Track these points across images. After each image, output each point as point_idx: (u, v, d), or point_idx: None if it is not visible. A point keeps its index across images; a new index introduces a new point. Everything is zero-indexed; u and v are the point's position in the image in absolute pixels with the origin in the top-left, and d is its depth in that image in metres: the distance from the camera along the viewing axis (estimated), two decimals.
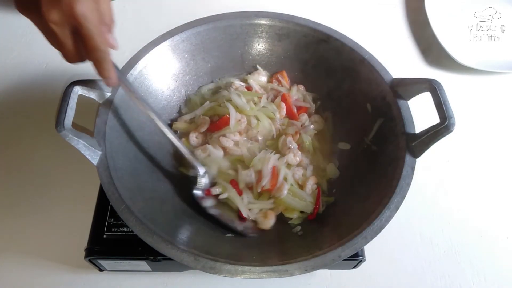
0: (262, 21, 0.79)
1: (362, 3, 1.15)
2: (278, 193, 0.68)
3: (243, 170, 0.70)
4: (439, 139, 0.60)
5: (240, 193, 0.69)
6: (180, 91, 0.79)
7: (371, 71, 0.72)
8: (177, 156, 0.75)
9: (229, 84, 0.80)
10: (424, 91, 0.64)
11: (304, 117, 0.79)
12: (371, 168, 0.69)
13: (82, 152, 0.58)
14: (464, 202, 0.82)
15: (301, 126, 0.77)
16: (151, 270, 0.68)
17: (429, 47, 1.05)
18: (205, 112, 0.77)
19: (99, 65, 0.52)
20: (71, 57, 0.51)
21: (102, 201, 0.66)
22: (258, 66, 0.83)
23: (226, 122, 0.73)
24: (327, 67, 0.79)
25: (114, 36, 0.52)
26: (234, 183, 0.70)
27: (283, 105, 0.78)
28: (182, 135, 0.77)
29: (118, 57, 0.72)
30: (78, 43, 0.49)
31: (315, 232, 0.64)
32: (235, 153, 0.73)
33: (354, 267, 0.67)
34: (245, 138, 0.75)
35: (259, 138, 0.75)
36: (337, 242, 0.55)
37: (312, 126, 0.78)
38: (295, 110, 0.79)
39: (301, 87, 0.82)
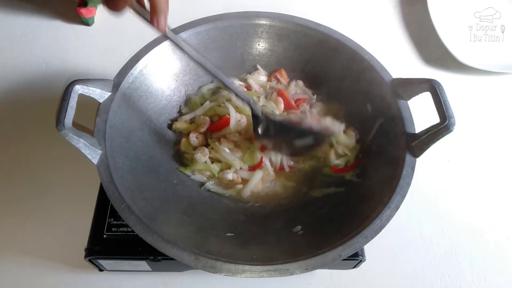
0: (262, 21, 0.79)
1: (362, 3, 1.15)
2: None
3: None
4: (439, 139, 0.60)
5: None
6: (180, 91, 0.79)
7: (371, 71, 0.72)
8: (177, 155, 0.75)
9: None
10: (424, 91, 0.64)
11: (303, 106, 0.78)
12: (371, 167, 0.69)
13: (82, 151, 0.58)
14: (464, 202, 0.82)
15: (301, 112, 0.77)
16: (151, 270, 0.68)
17: (429, 47, 1.05)
18: (205, 112, 0.77)
19: None
20: None
21: (102, 200, 0.66)
22: (258, 66, 0.83)
23: (226, 122, 0.73)
24: (327, 67, 0.79)
25: None
26: None
27: (280, 100, 0.78)
28: (183, 135, 0.77)
29: (119, 57, 0.72)
30: None
31: (315, 232, 0.64)
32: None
33: (354, 267, 0.67)
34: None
35: None
36: (337, 241, 0.55)
37: (315, 109, 0.78)
38: (293, 103, 0.79)
39: (300, 82, 0.82)
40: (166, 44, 0.74)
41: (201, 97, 0.80)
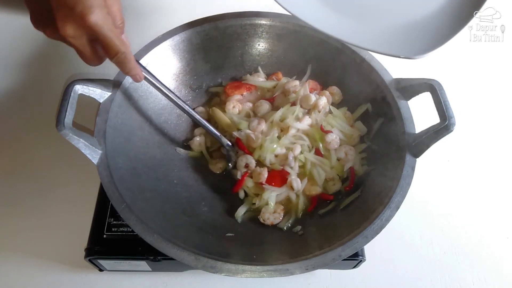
0: (263, 21, 0.79)
1: None
2: None
3: None
4: (439, 139, 0.60)
5: None
6: (181, 91, 0.79)
7: (371, 72, 0.72)
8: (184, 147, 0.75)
9: None
10: (424, 91, 0.64)
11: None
12: (372, 167, 0.69)
13: (83, 151, 0.58)
14: (464, 202, 0.82)
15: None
16: (151, 270, 0.68)
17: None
18: None
19: (123, 66, 0.54)
20: (90, 62, 0.53)
21: (102, 200, 0.66)
22: (259, 68, 0.83)
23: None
24: (328, 67, 0.79)
25: (125, 35, 0.55)
26: None
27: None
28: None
29: None
30: (97, 48, 0.51)
31: (315, 232, 0.64)
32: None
33: (354, 267, 0.67)
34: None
35: None
36: (337, 241, 0.55)
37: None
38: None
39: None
40: (166, 44, 0.74)
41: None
